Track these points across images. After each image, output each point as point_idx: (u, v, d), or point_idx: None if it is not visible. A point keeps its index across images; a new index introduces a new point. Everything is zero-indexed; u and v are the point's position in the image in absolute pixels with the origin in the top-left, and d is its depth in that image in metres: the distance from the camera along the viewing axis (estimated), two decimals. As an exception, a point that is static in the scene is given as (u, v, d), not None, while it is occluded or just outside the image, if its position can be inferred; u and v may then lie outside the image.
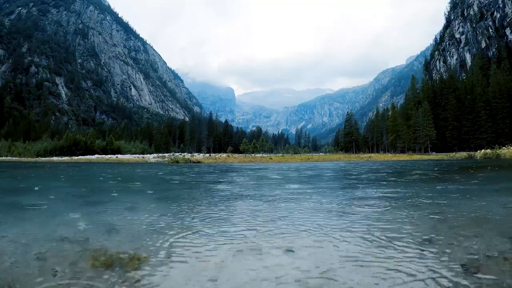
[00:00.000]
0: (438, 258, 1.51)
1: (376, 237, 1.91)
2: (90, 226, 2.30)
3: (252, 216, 2.66)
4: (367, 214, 2.71)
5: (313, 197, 3.90)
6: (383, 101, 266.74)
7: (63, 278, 1.32)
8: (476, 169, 9.63)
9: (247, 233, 2.07)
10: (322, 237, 1.95)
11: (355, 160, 25.16)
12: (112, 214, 2.82)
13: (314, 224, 2.30)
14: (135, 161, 25.98)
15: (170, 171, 11.12)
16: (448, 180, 6.33)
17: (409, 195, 3.91)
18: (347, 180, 6.88)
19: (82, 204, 3.57)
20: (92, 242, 1.85)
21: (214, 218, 2.59)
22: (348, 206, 3.17)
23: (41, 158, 40.97)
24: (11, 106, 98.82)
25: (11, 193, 4.73)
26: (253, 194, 4.26)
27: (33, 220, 2.62)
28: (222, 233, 2.07)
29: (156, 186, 6.12)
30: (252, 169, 12.36)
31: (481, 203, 3.18)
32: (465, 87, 55.53)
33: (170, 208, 3.15)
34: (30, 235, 2.04)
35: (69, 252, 1.65)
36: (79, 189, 5.54)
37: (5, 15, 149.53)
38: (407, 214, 2.66)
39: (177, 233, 2.08)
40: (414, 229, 2.11)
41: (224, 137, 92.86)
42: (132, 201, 3.76)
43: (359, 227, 2.20)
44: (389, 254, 1.58)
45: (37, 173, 10.67)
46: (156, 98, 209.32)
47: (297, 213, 2.80)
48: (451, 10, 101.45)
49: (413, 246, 1.72)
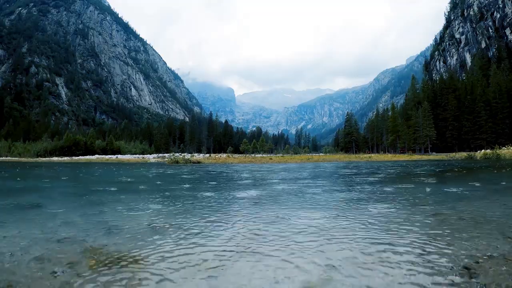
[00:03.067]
0: (438, 258, 1.51)
1: (376, 237, 1.91)
2: (90, 226, 2.30)
3: (252, 217, 2.66)
4: (367, 214, 2.71)
5: (313, 197, 3.90)
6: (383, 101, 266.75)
7: (63, 278, 1.32)
8: (476, 169, 9.63)
9: (247, 233, 2.07)
10: (322, 237, 1.95)
11: (355, 160, 25.15)
12: (112, 214, 2.82)
13: (314, 224, 2.30)
14: (135, 161, 25.97)
15: (170, 172, 11.12)
16: (448, 180, 6.33)
17: (409, 195, 3.91)
18: (347, 180, 6.88)
19: (82, 204, 3.57)
20: (92, 242, 1.85)
21: (214, 219, 2.59)
22: (347, 206, 3.17)
23: (41, 158, 40.97)
24: (11, 106, 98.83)
25: (11, 193, 4.73)
26: (253, 194, 4.26)
27: (33, 220, 2.62)
28: (222, 233, 2.07)
29: (156, 186, 6.12)
30: (252, 169, 12.36)
31: (481, 203, 3.18)
32: (465, 87, 55.51)
33: (170, 208, 3.15)
34: (30, 235, 2.04)
35: (69, 252, 1.65)
36: (79, 189, 5.54)
37: (5, 15, 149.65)
38: (407, 214, 2.66)
39: (177, 233, 2.08)
40: (414, 229, 2.10)
41: (224, 137, 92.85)
42: (132, 201, 3.76)
43: (358, 227, 2.20)
44: (389, 255, 1.58)
45: (37, 174, 10.67)
46: (156, 99, 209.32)
47: (297, 213, 2.80)
48: (451, 10, 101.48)
49: (413, 246, 1.71)
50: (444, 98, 56.41)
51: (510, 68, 59.38)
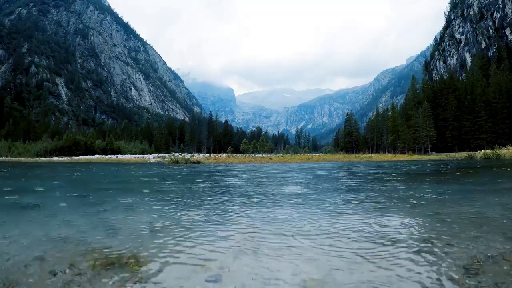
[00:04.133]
0: (438, 259, 1.50)
1: (376, 237, 1.91)
2: (90, 226, 2.30)
3: (252, 217, 2.66)
4: (366, 213, 2.70)
5: (313, 197, 3.90)
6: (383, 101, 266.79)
7: (63, 278, 1.31)
8: (476, 169, 9.63)
9: (247, 233, 2.07)
10: (322, 236, 1.95)
11: (355, 160, 25.15)
12: (112, 214, 2.82)
13: (314, 224, 2.30)
14: (135, 161, 25.96)
15: (170, 171, 11.12)
16: (448, 180, 6.33)
17: (409, 195, 3.91)
18: (346, 180, 6.88)
19: (82, 204, 3.57)
20: (92, 242, 1.85)
21: (214, 218, 2.59)
22: (347, 205, 3.17)
23: (41, 158, 40.96)
24: (11, 106, 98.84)
25: (11, 193, 4.73)
26: (253, 194, 4.26)
27: (33, 220, 2.62)
28: (222, 233, 2.07)
29: (156, 186, 6.12)
30: (252, 169, 12.36)
31: (481, 203, 3.18)
32: (465, 87, 55.51)
33: (170, 208, 3.15)
34: (30, 235, 2.04)
35: (69, 252, 1.65)
36: (79, 189, 5.54)
37: (5, 15, 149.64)
38: (407, 214, 2.66)
39: (177, 233, 2.07)
40: (414, 229, 2.10)
41: (224, 137, 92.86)
42: (132, 201, 3.75)
43: (358, 227, 2.20)
44: (389, 255, 1.58)
45: (37, 174, 10.67)
46: (156, 98, 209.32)
47: (297, 213, 2.80)
48: (451, 10, 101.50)
49: (413, 246, 1.71)
50: (444, 98, 56.42)
51: (510, 68, 59.38)
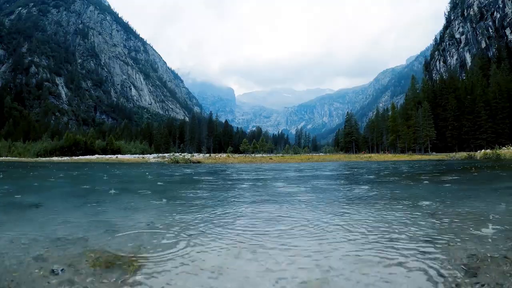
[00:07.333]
0: (438, 259, 1.50)
1: (376, 237, 1.91)
2: (90, 226, 2.30)
3: (253, 216, 2.66)
4: (366, 213, 2.71)
5: (313, 197, 3.90)
6: (383, 101, 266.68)
7: (63, 278, 1.31)
8: (476, 169, 9.63)
9: (247, 233, 2.07)
10: (322, 236, 1.95)
11: (355, 160, 25.16)
12: (112, 214, 2.82)
13: (314, 224, 2.30)
14: (135, 161, 25.95)
15: (170, 171, 11.12)
16: (448, 180, 6.33)
17: (409, 195, 3.91)
18: (346, 180, 6.88)
19: (82, 204, 3.56)
20: (92, 242, 1.85)
21: (214, 218, 2.59)
22: (347, 205, 3.17)
23: (41, 158, 40.96)
24: (11, 106, 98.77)
25: (11, 193, 4.73)
26: (253, 194, 4.26)
27: (33, 220, 2.62)
28: (223, 233, 2.07)
29: (156, 186, 6.12)
30: (252, 169, 12.36)
31: (481, 203, 3.18)
32: (465, 87, 55.50)
33: (170, 208, 3.15)
34: (30, 235, 2.04)
35: (69, 252, 1.65)
36: (79, 189, 5.54)
37: (5, 15, 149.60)
38: (407, 214, 2.66)
39: (177, 232, 2.08)
40: (413, 229, 2.10)
41: (224, 137, 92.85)
42: (132, 201, 3.76)
43: (358, 226, 2.20)
44: (389, 255, 1.58)
45: (36, 174, 10.67)
46: (156, 98, 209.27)
47: (297, 213, 2.80)
48: (451, 10, 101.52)
49: (413, 246, 1.71)
50: (444, 98, 56.41)
51: (510, 68, 59.32)
